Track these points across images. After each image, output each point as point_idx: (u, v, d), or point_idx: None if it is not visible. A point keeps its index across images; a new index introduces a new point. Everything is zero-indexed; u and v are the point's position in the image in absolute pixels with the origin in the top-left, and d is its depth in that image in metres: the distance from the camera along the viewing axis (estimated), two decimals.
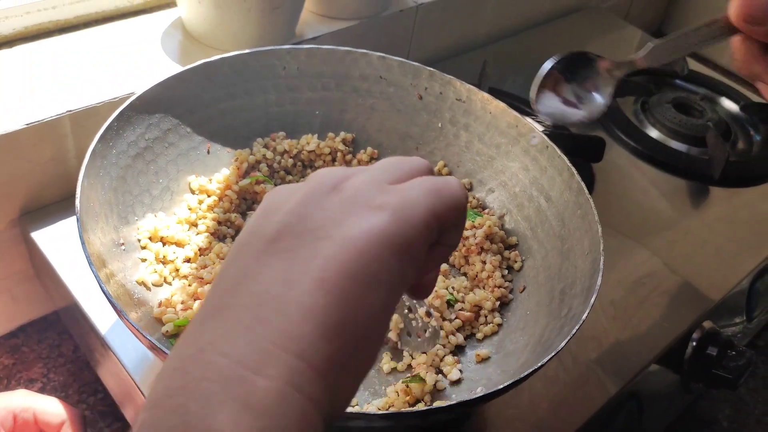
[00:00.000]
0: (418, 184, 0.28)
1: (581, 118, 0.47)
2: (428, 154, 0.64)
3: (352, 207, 0.26)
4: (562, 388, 0.57)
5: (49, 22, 0.65)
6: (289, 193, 0.28)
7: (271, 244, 0.25)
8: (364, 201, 0.26)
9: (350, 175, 0.28)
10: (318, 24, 0.73)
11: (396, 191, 0.27)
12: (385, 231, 0.25)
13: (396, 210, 0.26)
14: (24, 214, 0.60)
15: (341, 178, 0.28)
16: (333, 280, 0.24)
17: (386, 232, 0.25)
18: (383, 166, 0.29)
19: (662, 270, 0.69)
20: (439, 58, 0.90)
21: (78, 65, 0.63)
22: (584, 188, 0.53)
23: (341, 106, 0.64)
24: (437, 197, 0.27)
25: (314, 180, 0.28)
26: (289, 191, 0.28)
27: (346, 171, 0.29)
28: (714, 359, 0.66)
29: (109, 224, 0.49)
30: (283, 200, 0.27)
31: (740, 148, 0.89)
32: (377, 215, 0.26)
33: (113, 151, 0.51)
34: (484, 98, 0.61)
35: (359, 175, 0.28)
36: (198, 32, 0.67)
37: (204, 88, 0.59)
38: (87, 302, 0.54)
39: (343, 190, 0.27)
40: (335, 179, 0.28)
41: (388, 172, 0.29)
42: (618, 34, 1.06)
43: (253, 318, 0.24)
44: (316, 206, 0.26)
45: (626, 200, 0.77)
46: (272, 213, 0.27)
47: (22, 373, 0.64)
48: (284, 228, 0.26)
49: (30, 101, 0.58)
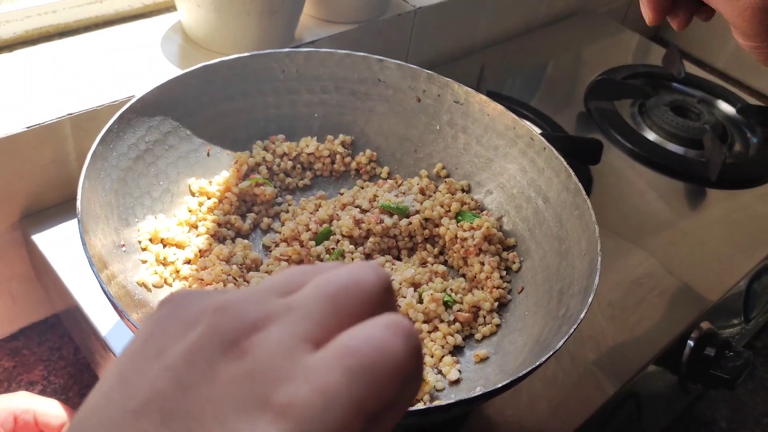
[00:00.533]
0: (342, 357, 0.20)
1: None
2: (426, 156, 0.64)
3: (246, 398, 0.19)
4: (560, 388, 0.58)
5: (50, 26, 0.65)
6: (186, 322, 0.21)
7: (132, 422, 0.20)
8: (263, 392, 0.19)
9: (266, 317, 0.21)
10: (317, 28, 0.74)
11: (311, 372, 0.19)
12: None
13: (303, 421, 0.19)
14: (25, 216, 0.61)
15: (249, 328, 0.21)
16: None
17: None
18: (312, 304, 0.21)
19: (660, 271, 0.70)
20: (437, 62, 0.91)
21: (78, 68, 0.63)
22: (582, 189, 0.53)
23: (340, 109, 0.65)
24: (369, 382, 0.19)
25: (218, 315, 0.21)
26: (188, 315, 0.22)
27: (263, 306, 0.22)
28: (712, 360, 0.66)
29: (109, 226, 0.50)
30: (174, 332, 0.21)
31: (737, 150, 0.90)
32: (275, 427, 0.19)
33: (114, 153, 0.52)
34: (482, 100, 0.61)
35: (275, 325, 0.21)
36: (197, 36, 0.68)
37: (203, 91, 0.59)
38: (88, 304, 0.54)
39: (244, 354, 0.20)
40: (243, 327, 0.21)
41: (315, 321, 0.21)
42: (615, 38, 1.07)
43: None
44: (201, 374, 0.20)
45: (624, 202, 0.78)
46: (153, 357, 0.21)
47: (23, 375, 0.64)
48: (154, 398, 0.20)
49: (31, 104, 0.58)
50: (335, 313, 0.21)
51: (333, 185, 0.65)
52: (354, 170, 0.66)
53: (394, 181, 0.63)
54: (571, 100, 0.92)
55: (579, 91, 0.93)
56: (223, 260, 0.54)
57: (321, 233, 0.58)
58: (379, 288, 0.22)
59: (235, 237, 0.59)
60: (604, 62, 0.99)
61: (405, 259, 0.59)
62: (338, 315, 0.21)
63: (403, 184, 0.63)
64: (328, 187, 0.65)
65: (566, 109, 0.90)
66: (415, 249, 0.60)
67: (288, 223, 0.59)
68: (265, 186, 0.61)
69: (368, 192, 0.61)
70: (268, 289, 0.22)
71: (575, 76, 0.97)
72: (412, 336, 0.21)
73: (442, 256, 0.60)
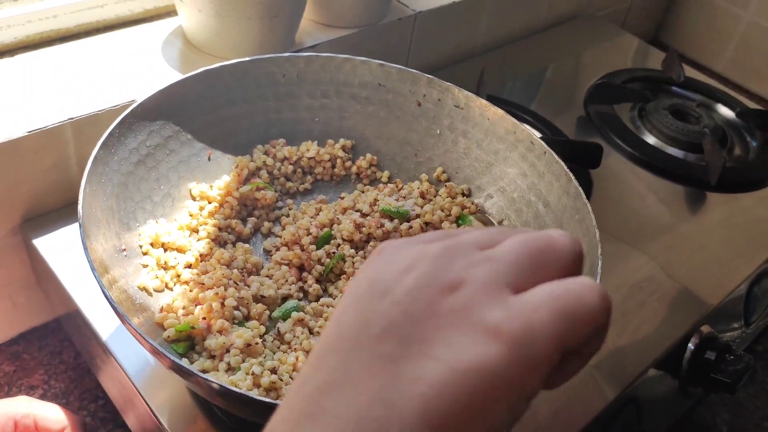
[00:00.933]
0: (547, 302, 0.23)
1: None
2: (427, 160, 0.64)
3: (464, 322, 0.23)
4: (561, 392, 0.58)
5: (51, 31, 0.66)
6: (403, 266, 0.25)
7: (375, 344, 0.24)
8: (479, 318, 0.23)
9: (471, 264, 0.25)
10: (317, 32, 0.74)
11: (518, 309, 0.23)
12: (497, 369, 0.22)
13: (514, 344, 0.23)
14: (25, 221, 0.61)
15: (459, 271, 0.25)
16: (438, 413, 0.22)
17: (498, 370, 0.22)
18: (514, 257, 0.25)
19: (660, 275, 0.70)
20: (437, 67, 0.91)
21: (79, 73, 0.63)
22: (582, 193, 0.53)
23: (340, 113, 0.65)
24: (569, 323, 0.23)
25: (431, 261, 0.25)
26: (403, 261, 0.26)
27: (468, 256, 0.25)
28: (712, 363, 0.66)
29: (110, 230, 0.50)
30: (394, 275, 0.25)
31: (737, 154, 0.90)
32: (491, 345, 0.23)
33: (115, 157, 0.52)
34: (482, 105, 0.61)
35: (480, 270, 0.25)
36: (198, 40, 0.68)
37: (204, 96, 0.59)
38: (88, 308, 0.54)
39: (458, 290, 0.24)
40: (453, 271, 0.25)
41: (516, 271, 0.25)
42: (614, 42, 1.07)
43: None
44: (426, 307, 0.24)
45: (624, 206, 0.78)
46: (379, 295, 0.25)
47: (23, 380, 0.64)
48: (390, 326, 0.24)
49: (31, 108, 0.58)
50: (533, 267, 0.25)
51: (334, 189, 0.65)
52: (354, 174, 0.66)
53: (394, 185, 0.64)
54: (570, 104, 0.92)
55: (579, 95, 0.93)
56: (224, 264, 0.54)
57: (321, 237, 0.58)
58: (572, 254, 0.25)
59: (236, 241, 0.59)
60: (604, 66, 0.99)
61: None
62: (535, 270, 0.25)
63: (404, 189, 0.63)
64: (329, 191, 0.65)
65: (566, 113, 0.90)
66: None
67: (288, 228, 0.59)
68: (266, 190, 0.61)
69: (369, 196, 0.61)
70: (470, 243, 0.26)
71: (575, 79, 0.98)
72: (605, 297, 0.24)
73: None
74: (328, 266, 0.56)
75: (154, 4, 0.71)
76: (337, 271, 0.57)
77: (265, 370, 0.47)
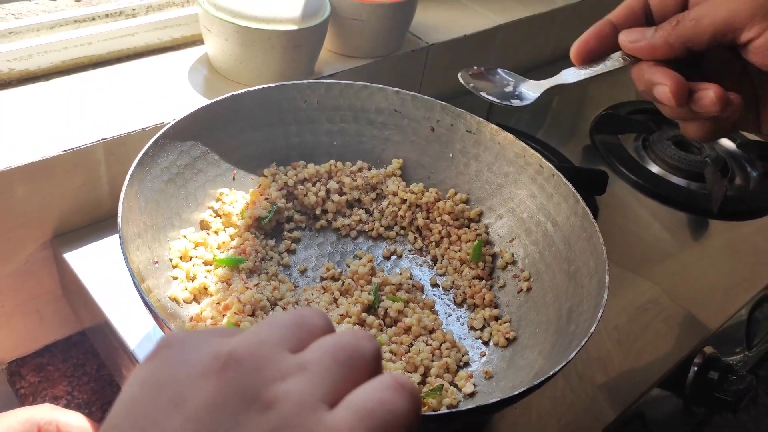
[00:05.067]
0: (363, 418, 0.22)
1: (511, 99, 0.52)
2: (439, 182, 0.67)
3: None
4: (568, 407, 0.60)
5: (84, 57, 0.69)
6: (199, 369, 0.22)
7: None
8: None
9: (283, 374, 0.23)
10: (336, 62, 0.78)
11: (334, 430, 0.22)
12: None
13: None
14: (56, 236, 0.63)
15: (270, 385, 0.22)
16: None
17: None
18: (325, 368, 0.24)
19: (664, 298, 0.72)
20: (448, 96, 0.93)
21: (111, 97, 0.66)
22: (589, 213, 0.56)
23: (358, 137, 0.68)
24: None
25: (235, 365, 0.22)
26: (199, 361, 0.22)
27: (277, 364, 0.23)
28: (715, 383, 0.68)
29: (144, 243, 0.52)
30: (187, 381, 0.22)
31: (738, 183, 0.93)
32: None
33: (148, 175, 0.55)
34: (492, 130, 0.64)
35: (294, 385, 0.22)
36: (223, 68, 0.71)
37: (230, 119, 0.62)
38: (116, 318, 0.56)
39: (270, 409, 0.21)
40: (263, 384, 0.22)
41: (330, 384, 0.23)
42: (621, 74, 1.10)
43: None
44: (229, 427, 0.21)
45: (628, 232, 0.80)
46: (168, 404, 0.21)
47: (47, 390, 0.67)
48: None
49: (65, 130, 0.61)
50: (345, 378, 0.24)
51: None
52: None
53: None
54: (576, 134, 0.95)
55: (584, 125, 0.96)
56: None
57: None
58: (375, 355, 0.25)
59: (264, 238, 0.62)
60: (609, 98, 1.02)
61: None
62: (347, 380, 0.24)
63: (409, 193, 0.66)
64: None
65: (572, 142, 0.93)
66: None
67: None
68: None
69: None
70: (276, 343, 0.24)
71: (581, 110, 1.01)
72: (414, 393, 0.24)
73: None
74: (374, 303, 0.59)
75: (181, 33, 0.75)
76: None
77: None
